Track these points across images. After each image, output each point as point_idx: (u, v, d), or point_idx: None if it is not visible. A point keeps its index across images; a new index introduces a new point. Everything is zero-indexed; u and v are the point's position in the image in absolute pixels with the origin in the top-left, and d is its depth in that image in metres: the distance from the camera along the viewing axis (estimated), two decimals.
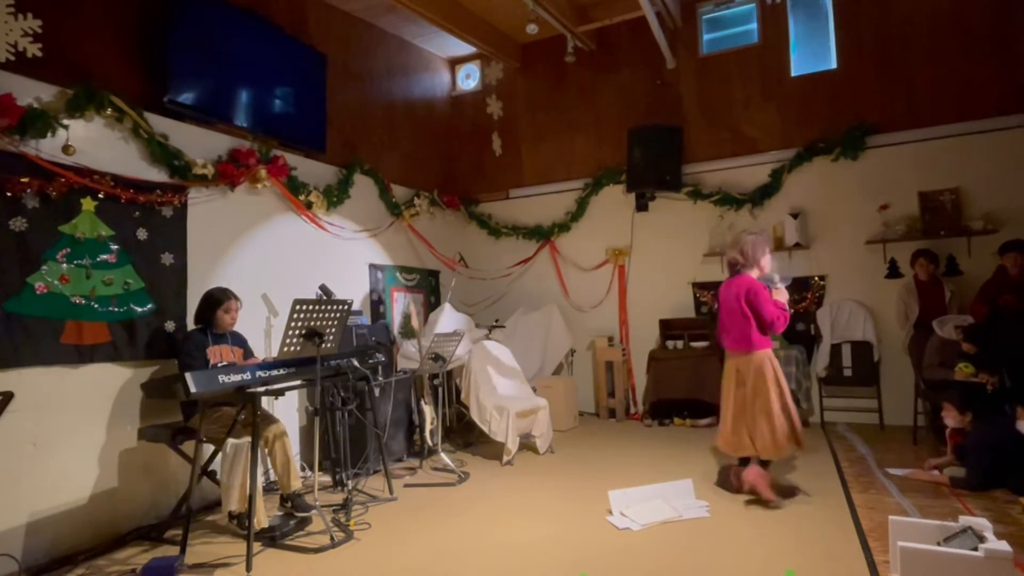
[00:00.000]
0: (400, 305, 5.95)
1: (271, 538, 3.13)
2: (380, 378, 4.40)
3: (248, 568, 2.78)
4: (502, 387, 5.05)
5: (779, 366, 3.50)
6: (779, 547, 2.84)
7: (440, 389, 4.79)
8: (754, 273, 3.52)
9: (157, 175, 3.73)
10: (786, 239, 5.66)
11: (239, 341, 3.69)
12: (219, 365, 3.39)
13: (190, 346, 3.44)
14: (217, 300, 3.55)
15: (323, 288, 4.42)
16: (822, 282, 5.61)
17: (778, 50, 5.85)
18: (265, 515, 3.21)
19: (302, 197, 4.78)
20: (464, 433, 5.46)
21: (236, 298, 3.62)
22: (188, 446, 3.25)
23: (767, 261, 3.54)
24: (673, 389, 5.76)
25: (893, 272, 5.25)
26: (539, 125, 6.97)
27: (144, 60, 3.79)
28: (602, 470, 4.27)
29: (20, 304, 3.03)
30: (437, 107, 7.18)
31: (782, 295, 3.48)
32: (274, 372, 3.09)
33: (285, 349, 3.10)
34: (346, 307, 3.37)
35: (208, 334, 3.52)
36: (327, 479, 4.24)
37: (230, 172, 4.12)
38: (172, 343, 3.67)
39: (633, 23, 6.04)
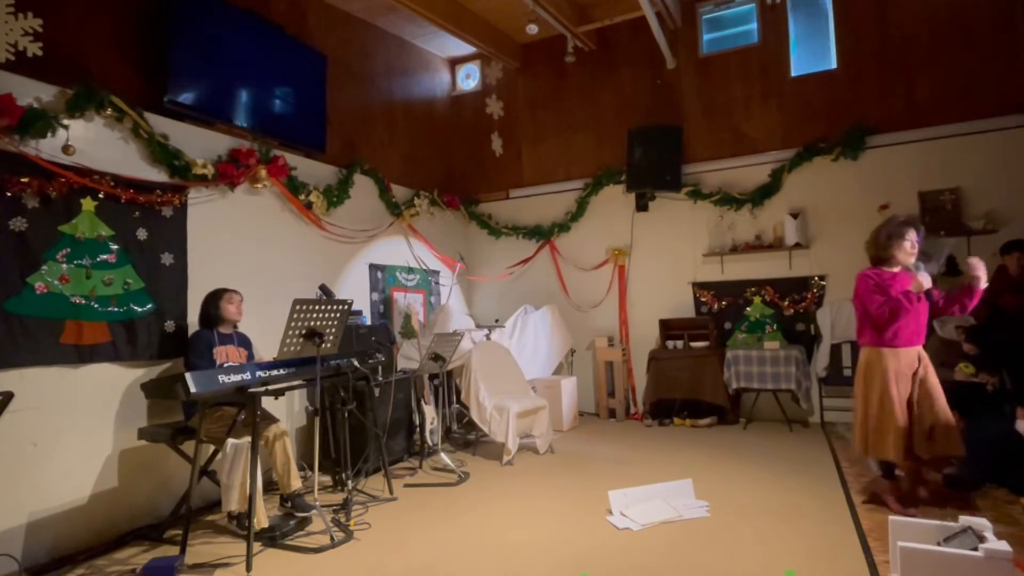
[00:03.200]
0: (400, 305, 5.95)
1: (271, 538, 3.14)
2: (380, 378, 4.40)
3: (248, 568, 2.78)
4: (502, 387, 5.05)
5: (887, 367, 3.14)
6: (779, 547, 2.84)
7: (440, 389, 4.79)
8: (893, 267, 3.23)
9: (157, 175, 3.73)
10: (786, 239, 5.66)
11: (244, 343, 3.70)
12: (225, 365, 3.39)
13: (199, 345, 3.46)
14: (217, 294, 3.59)
15: (323, 288, 4.41)
16: (822, 282, 5.61)
17: (778, 50, 5.86)
18: (265, 515, 3.21)
19: (302, 197, 4.78)
20: (464, 433, 5.47)
21: (235, 291, 3.65)
22: (188, 446, 3.25)
23: (904, 253, 3.18)
24: (673, 389, 5.76)
25: None
26: (539, 125, 6.98)
27: (144, 60, 3.79)
28: (602, 470, 4.27)
29: (20, 304, 3.03)
30: (437, 107, 7.18)
31: (916, 283, 3.09)
32: (274, 372, 3.09)
33: (285, 349, 3.10)
34: (346, 307, 3.37)
35: (215, 334, 3.53)
36: (327, 479, 4.25)
37: (230, 172, 4.12)
38: (180, 341, 3.68)
39: (633, 23, 6.05)
